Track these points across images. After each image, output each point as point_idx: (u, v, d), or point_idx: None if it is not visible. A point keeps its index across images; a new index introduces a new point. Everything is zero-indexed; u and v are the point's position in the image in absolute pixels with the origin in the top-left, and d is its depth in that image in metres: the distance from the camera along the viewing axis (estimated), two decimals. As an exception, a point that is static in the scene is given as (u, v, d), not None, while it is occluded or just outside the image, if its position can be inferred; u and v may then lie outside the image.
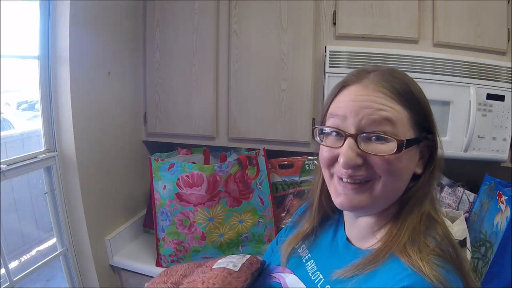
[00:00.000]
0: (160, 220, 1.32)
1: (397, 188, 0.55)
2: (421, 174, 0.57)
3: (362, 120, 0.52)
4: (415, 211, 0.55)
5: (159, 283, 0.66)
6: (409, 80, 0.57)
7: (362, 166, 0.53)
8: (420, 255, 0.49)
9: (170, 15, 1.46)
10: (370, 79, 0.55)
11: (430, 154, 0.58)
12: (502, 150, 1.25)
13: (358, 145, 0.53)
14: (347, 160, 0.52)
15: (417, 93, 0.55)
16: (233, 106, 1.44)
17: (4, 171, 1.06)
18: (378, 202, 0.55)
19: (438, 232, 0.54)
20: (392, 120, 0.52)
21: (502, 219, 1.08)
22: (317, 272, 0.64)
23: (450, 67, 1.22)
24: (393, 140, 0.51)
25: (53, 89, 1.21)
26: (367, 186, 0.54)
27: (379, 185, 0.54)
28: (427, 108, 0.56)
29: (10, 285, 1.10)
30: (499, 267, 1.04)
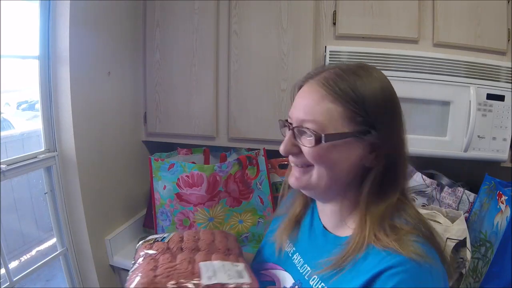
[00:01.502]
0: (160, 220, 1.32)
1: (334, 175, 0.61)
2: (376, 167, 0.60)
3: (301, 116, 0.60)
4: (376, 200, 0.60)
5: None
6: (361, 79, 0.59)
7: (300, 154, 0.62)
8: (393, 237, 0.55)
9: (170, 15, 1.46)
10: (315, 78, 0.62)
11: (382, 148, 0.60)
12: (502, 150, 1.25)
13: (294, 136, 0.62)
14: (284, 148, 0.63)
15: (359, 90, 0.58)
16: (233, 106, 1.44)
17: (4, 171, 1.06)
18: (316, 185, 0.62)
19: (408, 213, 0.60)
20: (318, 119, 0.58)
21: (502, 219, 1.08)
22: (305, 265, 0.67)
23: (450, 67, 1.22)
24: (312, 134, 0.58)
25: (53, 89, 1.21)
26: (308, 170, 0.62)
27: (314, 172, 0.61)
28: (372, 104, 0.58)
29: (10, 285, 1.10)
30: (499, 267, 1.04)
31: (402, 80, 1.23)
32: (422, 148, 1.27)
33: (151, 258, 0.71)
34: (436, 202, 1.28)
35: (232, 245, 0.77)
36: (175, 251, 0.73)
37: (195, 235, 0.77)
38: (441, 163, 1.37)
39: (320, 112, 0.59)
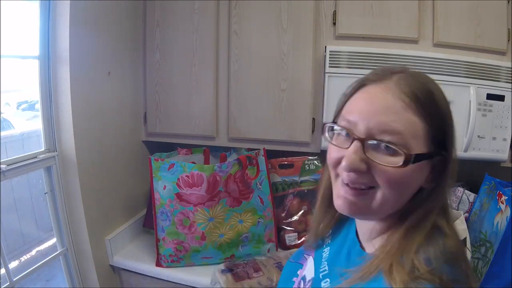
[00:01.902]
0: (160, 220, 1.32)
1: (397, 200, 0.52)
2: (431, 189, 0.54)
3: (374, 126, 0.50)
4: (416, 225, 0.52)
5: None
6: (435, 88, 0.53)
7: (365, 173, 0.51)
8: (404, 277, 0.46)
9: (170, 15, 1.46)
10: (392, 81, 0.52)
11: (440, 169, 0.53)
12: (502, 150, 1.25)
13: (364, 150, 0.50)
14: (349, 163, 0.50)
15: (440, 105, 0.52)
16: (233, 106, 1.44)
17: (4, 171, 1.06)
18: (376, 211, 0.53)
19: (439, 247, 0.49)
20: (404, 133, 0.49)
21: (502, 219, 1.08)
22: (325, 262, 0.65)
23: (450, 67, 1.22)
24: (401, 153, 0.48)
25: (53, 89, 1.21)
26: (367, 194, 0.52)
27: (379, 195, 0.51)
28: (447, 121, 0.52)
29: (10, 285, 1.10)
30: (499, 267, 1.04)
31: (402, 80, 1.23)
32: (422, 148, 1.27)
33: None
34: (436, 202, 1.28)
35: None
36: None
37: None
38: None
39: (404, 125, 0.49)
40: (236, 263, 1.27)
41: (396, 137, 0.49)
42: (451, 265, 0.48)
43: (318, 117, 1.38)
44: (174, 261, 1.34)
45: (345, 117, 0.54)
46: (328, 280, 0.60)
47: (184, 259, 1.33)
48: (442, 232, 0.52)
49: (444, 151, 0.52)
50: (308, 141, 1.40)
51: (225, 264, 1.26)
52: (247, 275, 1.19)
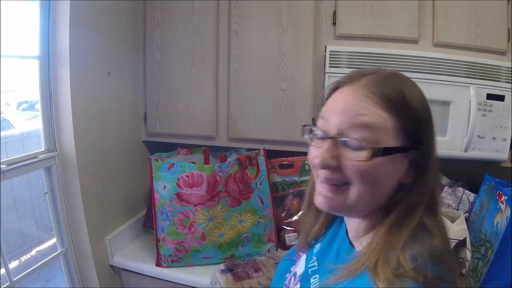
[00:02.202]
0: (160, 220, 1.32)
1: (375, 195, 0.54)
2: (411, 184, 0.55)
3: (344, 123, 0.52)
4: (400, 222, 0.53)
5: None
6: (406, 86, 0.54)
7: (338, 170, 0.53)
8: (388, 275, 0.47)
9: (170, 15, 1.46)
10: (361, 83, 0.54)
11: (420, 164, 0.54)
12: (502, 150, 1.25)
13: (336, 147, 0.53)
14: (320, 160, 0.53)
15: (411, 101, 0.53)
16: (233, 106, 1.44)
17: (4, 171, 1.06)
18: (353, 207, 0.54)
19: (424, 246, 0.50)
20: (372, 126, 0.51)
21: (502, 219, 1.08)
22: (315, 257, 0.67)
23: (450, 67, 1.22)
24: (368, 147, 0.50)
25: (53, 89, 1.21)
26: (343, 189, 0.54)
27: (353, 191, 0.53)
28: (421, 117, 0.54)
29: (10, 285, 1.10)
30: (499, 267, 1.04)
31: (402, 80, 1.23)
32: (422, 148, 1.27)
33: None
34: (436, 202, 1.28)
35: None
36: None
37: None
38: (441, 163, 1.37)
39: (372, 121, 0.51)
40: (236, 263, 1.27)
41: (365, 131, 0.51)
42: (436, 264, 0.49)
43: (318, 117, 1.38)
44: (174, 261, 1.34)
45: (321, 118, 0.57)
46: (317, 276, 0.61)
47: (184, 259, 1.33)
48: (428, 231, 0.53)
49: (420, 146, 0.53)
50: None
51: (225, 264, 1.27)
52: (247, 275, 1.19)
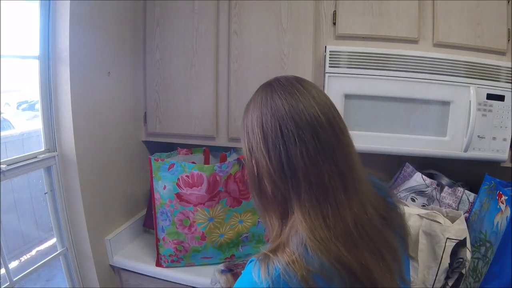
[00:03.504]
0: (160, 220, 1.32)
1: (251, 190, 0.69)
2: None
3: None
4: (269, 216, 0.64)
5: None
6: (251, 102, 0.68)
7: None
8: (262, 253, 0.56)
9: (170, 15, 1.46)
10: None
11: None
12: (502, 150, 1.25)
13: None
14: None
15: (245, 117, 0.67)
16: (233, 106, 1.44)
17: (4, 171, 1.06)
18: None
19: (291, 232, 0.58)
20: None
21: (502, 219, 1.08)
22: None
23: (450, 67, 1.22)
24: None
25: (53, 89, 1.21)
26: None
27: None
28: (246, 130, 0.64)
29: (10, 285, 1.10)
30: (499, 267, 1.04)
31: (402, 80, 1.23)
32: (422, 148, 1.27)
33: None
34: (436, 202, 1.28)
35: None
36: None
37: None
38: (441, 163, 1.37)
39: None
40: (236, 263, 1.27)
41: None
42: (297, 245, 0.57)
43: (318, 117, 1.38)
44: (174, 261, 1.34)
45: None
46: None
47: (184, 259, 1.33)
48: (296, 222, 0.60)
49: (252, 153, 0.63)
50: (308, 141, 1.40)
51: (225, 264, 1.26)
52: None
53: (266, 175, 0.60)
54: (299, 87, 0.63)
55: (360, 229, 0.57)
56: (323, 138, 0.58)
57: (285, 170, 0.58)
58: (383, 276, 0.56)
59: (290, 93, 0.61)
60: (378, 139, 1.29)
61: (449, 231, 1.06)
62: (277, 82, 0.65)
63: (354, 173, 0.60)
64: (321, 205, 0.57)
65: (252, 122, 0.63)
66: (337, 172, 0.58)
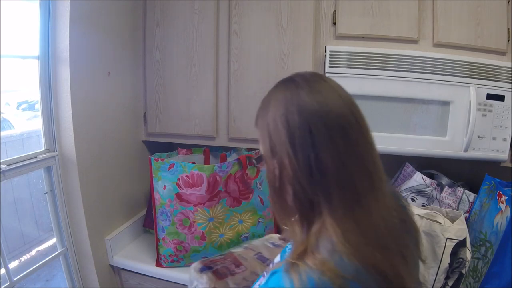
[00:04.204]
0: (160, 220, 1.32)
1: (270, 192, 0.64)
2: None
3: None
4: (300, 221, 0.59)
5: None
6: (275, 104, 0.61)
7: None
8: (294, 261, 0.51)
9: (170, 15, 1.46)
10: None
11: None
12: (502, 150, 1.25)
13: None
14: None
15: (267, 117, 0.62)
16: (233, 106, 1.44)
17: (4, 171, 1.06)
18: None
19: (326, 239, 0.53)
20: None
21: (502, 219, 1.08)
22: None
23: (450, 67, 1.22)
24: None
25: (53, 89, 1.21)
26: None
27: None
28: (270, 129, 0.60)
29: (10, 285, 1.10)
30: (499, 267, 1.04)
31: (402, 80, 1.23)
32: (422, 148, 1.27)
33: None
34: (436, 202, 1.28)
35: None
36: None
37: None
38: (441, 163, 1.37)
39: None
40: (213, 259, 1.13)
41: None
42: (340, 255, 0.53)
43: (318, 117, 1.38)
44: (174, 261, 1.34)
45: None
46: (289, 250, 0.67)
47: (184, 259, 1.33)
48: (326, 227, 0.57)
49: (274, 154, 0.59)
50: (308, 141, 1.40)
51: (202, 262, 1.12)
52: (228, 271, 1.07)
53: (290, 177, 0.56)
54: (324, 84, 0.59)
55: (389, 233, 0.55)
56: (352, 138, 0.55)
57: (314, 172, 0.54)
58: (409, 281, 0.55)
59: (317, 90, 0.58)
60: (378, 139, 1.26)
61: (449, 231, 1.06)
62: (301, 78, 0.61)
63: (380, 174, 0.58)
64: (353, 208, 0.54)
65: (275, 120, 0.58)
66: (366, 173, 0.55)
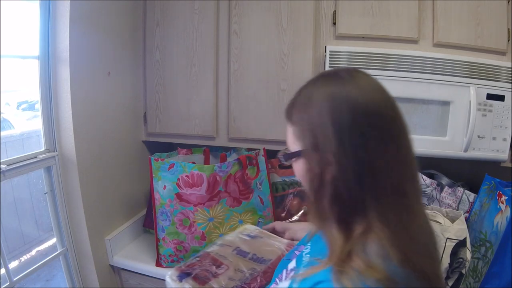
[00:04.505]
0: (160, 220, 1.32)
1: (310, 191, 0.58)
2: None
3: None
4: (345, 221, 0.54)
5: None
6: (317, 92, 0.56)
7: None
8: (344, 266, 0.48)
9: (170, 15, 1.46)
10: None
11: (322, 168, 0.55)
12: (502, 150, 1.25)
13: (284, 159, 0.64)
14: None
15: (310, 110, 0.55)
16: (233, 106, 1.44)
17: (4, 171, 1.06)
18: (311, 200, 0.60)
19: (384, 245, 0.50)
20: (287, 140, 0.62)
21: (502, 219, 1.08)
22: (307, 255, 0.67)
23: (450, 67, 1.22)
24: (280, 155, 0.63)
25: (53, 89, 1.21)
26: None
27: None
28: (313, 124, 0.54)
29: (10, 285, 1.10)
30: (499, 267, 1.04)
31: (402, 80, 1.23)
32: (422, 148, 1.27)
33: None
34: (436, 202, 1.28)
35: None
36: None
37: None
38: (441, 163, 1.37)
39: (286, 133, 0.63)
40: (189, 264, 0.99)
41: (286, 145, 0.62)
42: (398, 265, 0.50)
43: (318, 117, 1.38)
44: (174, 261, 1.33)
45: None
46: (308, 256, 0.64)
47: (184, 259, 1.33)
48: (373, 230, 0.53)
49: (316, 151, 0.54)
50: (308, 141, 1.40)
51: (177, 269, 0.97)
52: (210, 273, 0.95)
53: (335, 176, 0.53)
54: (371, 80, 0.57)
55: (430, 236, 0.55)
56: (402, 138, 0.54)
57: (364, 172, 0.51)
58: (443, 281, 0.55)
59: (366, 86, 0.55)
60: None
61: (449, 231, 1.06)
62: (347, 73, 0.57)
63: (419, 178, 0.57)
64: (402, 212, 0.51)
65: (320, 115, 0.54)
66: (412, 177, 0.54)
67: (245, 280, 0.88)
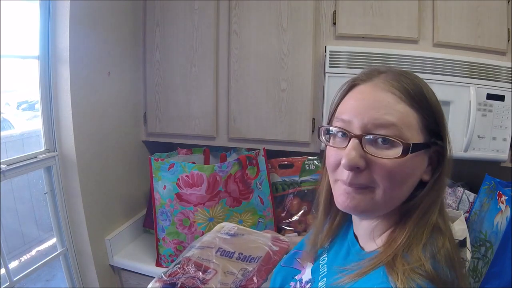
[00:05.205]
0: (160, 220, 1.32)
1: (399, 194, 0.53)
2: (428, 181, 0.54)
3: (368, 122, 0.50)
4: (420, 221, 0.52)
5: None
6: (421, 82, 0.55)
7: (364, 172, 0.51)
8: (407, 272, 0.46)
9: (170, 15, 1.46)
10: (380, 78, 0.54)
11: (438, 160, 0.55)
12: (502, 150, 1.25)
13: (362, 146, 0.50)
14: (349, 160, 0.50)
15: (429, 96, 0.53)
16: (233, 106, 1.44)
17: (4, 171, 1.06)
18: (378, 207, 0.53)
19: (438, 246, 0.50)
20: (398, 124, 0.50)
21: (502, 219, 1.08)
22: (325, 265, 0.64)
23: (450, 67, 1.22)
24: (399, 143, 0.49)
25: (53, 89, 1.21)
26: (369, 189, 0.52)
27: (379, 191, 0.51)
28: (438, 112, 0.54)
29: (10, 285, 1.10)
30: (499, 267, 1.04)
31: (402, 80, 1.23)
32: (422, 148, 1.27)
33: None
34: (436, 202, 1.28)
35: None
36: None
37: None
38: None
39: (397, 116, 0.50)
40: (170, 273, 0.87)
41: (391, 129, 0.49)
42: (449, 267, 0.49)
43: (318, 117, 1.38)
44: (174, 261, 1.33)
45: (339, 118, 0.55)
46: (325, 280, 0.60)
47: (184, 259, 1.33)
48: (441, 232, 0.52)
49: (439, 141, 0.54)
50: (308, 141, 1.40)
51: (160, 281, 0.85)
52: (198, 280, 0.84)
53: (444, 171, 0.54)
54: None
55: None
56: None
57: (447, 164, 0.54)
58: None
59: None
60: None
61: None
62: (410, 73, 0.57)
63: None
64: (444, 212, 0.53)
65: (435, 103, 0.54)
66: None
67: (239, 283, 0.81)
